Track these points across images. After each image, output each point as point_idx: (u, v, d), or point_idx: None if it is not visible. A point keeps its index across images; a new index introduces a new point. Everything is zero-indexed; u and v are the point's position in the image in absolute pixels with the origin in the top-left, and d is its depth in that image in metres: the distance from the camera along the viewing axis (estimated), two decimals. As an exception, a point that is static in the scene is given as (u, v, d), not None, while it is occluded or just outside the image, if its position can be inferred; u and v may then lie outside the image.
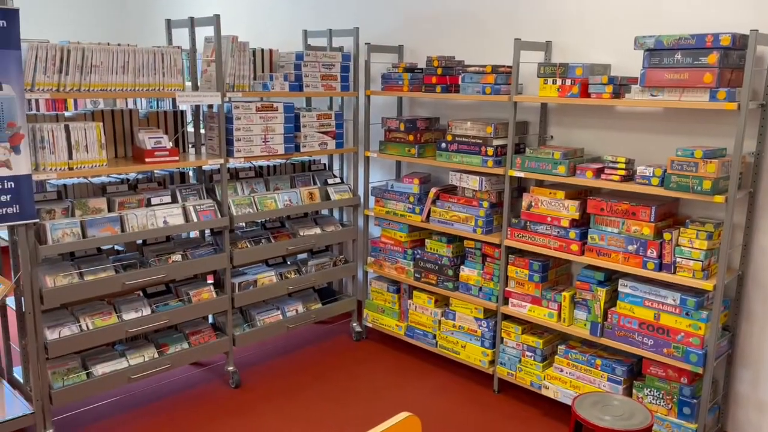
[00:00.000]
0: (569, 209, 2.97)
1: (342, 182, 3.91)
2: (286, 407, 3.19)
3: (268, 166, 3.76)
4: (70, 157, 2.72)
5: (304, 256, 3.99)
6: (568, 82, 2.87)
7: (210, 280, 3.49)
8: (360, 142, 3.89)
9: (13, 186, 2.52)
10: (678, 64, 2.54)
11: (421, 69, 3.59)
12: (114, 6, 5.90)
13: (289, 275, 3.70)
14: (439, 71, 3.37)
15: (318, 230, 3.80)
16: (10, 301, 2.90)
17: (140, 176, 3.28)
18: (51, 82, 2.63)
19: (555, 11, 3.22)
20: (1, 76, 2.43)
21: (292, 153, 3.53)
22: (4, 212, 2.51)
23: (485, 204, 3.32)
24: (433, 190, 3.51)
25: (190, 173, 3.53)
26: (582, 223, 3.01)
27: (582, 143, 3.21)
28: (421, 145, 3.55)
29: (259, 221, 3.80)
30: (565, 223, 2.97)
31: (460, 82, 3.29)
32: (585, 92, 2.87)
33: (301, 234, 3.71)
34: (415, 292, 3.71)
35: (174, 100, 3.45)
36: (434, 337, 3.62)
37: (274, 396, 3.30)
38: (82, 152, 2.75)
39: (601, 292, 2.90)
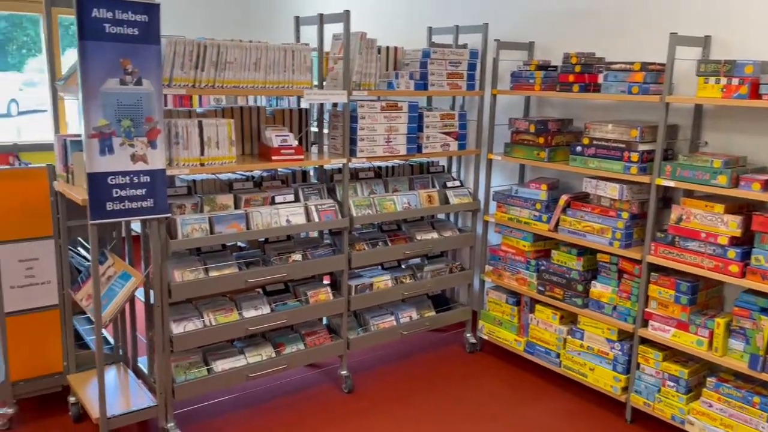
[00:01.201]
0: (729, 225, 2.63)
1: (461, 185, 3.73)
2: (400, 417, 3.06)
3: (386, 167, 3.65)
4: (202, 153, 2.73)
5: (416, 260, 3.85)
6: (735, 81, 2.54)
7: (326, 281, 3.43)
8: (483, 143, 3.70)
9: (148, 180, 2.55)
10: None
11: (555, 67, 3.35)
12: (236, 2, 6.04)
13: (404, 280, 3.57)
14: (578, 69, 3.11)
15: (435, 235, 3.65)
16: (139, 293, 2.97)
17: (264, 174, 3.27)
18: (187, 77, 2.64)
19: (714, 3, 2.87)
20: (142, 72, 2.46)
21: (414, 154, 3.40)
22: (139, 206, 2.55)
23: (625, 215, 3.02)
24: (564, 197, 3.26)
25: (311, 172, 3.48)
26: (743, 242, 2.66)
27: (743, 151, 2.85)
28: (552, 148, 3.31)
29: (375, 223, 3.70)
30: (724, 241, 2.64)
31: (601, 81, 3.03)
32: (755, 93, 2.52)
33: (418, 238, 3.57)
34: (537, 306, 3.47)
35: (299, 98, 3.42)
36: (558, 356, 3.37)
37: (387, 404, 3.18)
38: (213, 149, 2.75)
39: (765, 321, 2.55)
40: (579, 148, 3.14)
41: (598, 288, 3.15)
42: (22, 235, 2.79)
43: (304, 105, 3.45)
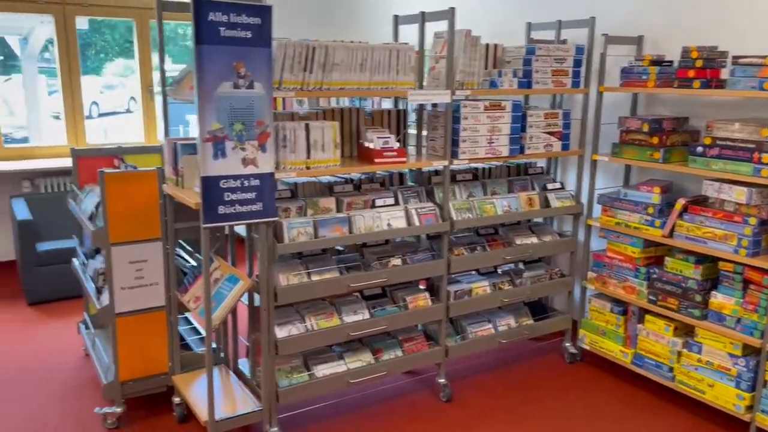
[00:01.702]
0: None
1: (562, 188, 3.57)
2: (501, 429, 2.94)
3: (483, 169, 3.53)
4: (308, 156, 2.70)
5: (511, 266, 3.71)
6: None
7: (422, 286, 3.35)
8: (587, 144, 3.52)
9: (258, 184, 2.53)
10: None
11: (670, 62, 3.14)
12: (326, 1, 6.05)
13: (502, 286, 3.44)
14: (699, 63, 2.90)
15: (535, 239, 3.50)
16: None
17: (362, 176, 3.22)
18: (296, 80, 2.61)
19: None
20: (254, 75, 2.44)
21: (516, 155, 3.27)
22: (248, 209, 2.53)
23: (752, 220, 2.79)
24: (681, 201, 3.05)
25: (407, 174, 3.41)
26: None
27: None
28: (667, 148, 3.10)
29: (471, 227, 3.59)
30: None
31: (726, 76, 2.81)
32: None
33: (518, 242, 3.44)
34: (647, 317, 3.27)
35: (396, 98, 3.35)
36: (671, 370, 3.16)
37: (487, 415, 3.06)
38: (318, 151, 2.72)
39: None
40: (700, 149, 2.93)
41: (719, 299, 2.93)
42: (132, 237, 2.84)
43: (410, 105, 3.38)
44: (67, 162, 5.03)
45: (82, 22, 5.41)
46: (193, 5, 2.28)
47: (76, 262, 3.53)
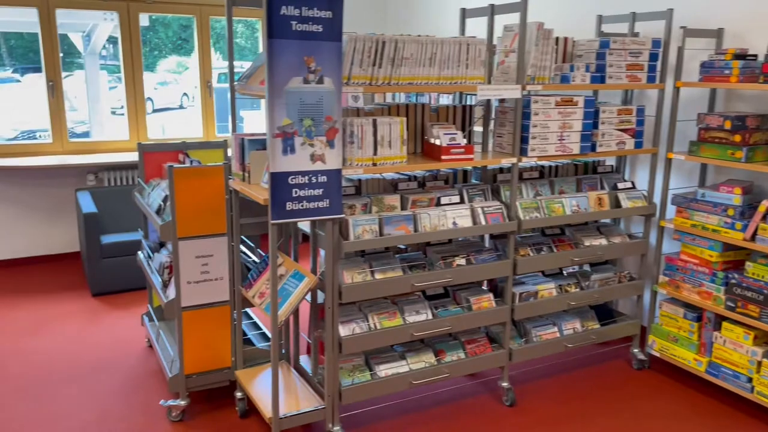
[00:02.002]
0: None
1: (633, 187, 3.42)
2: (572, 439, 2.84)
3: (550, 167, 3.42)
4: (375, 152, 2.65)
5: (575, 267, 3.59)
6: None
7: (485, 287, 3.27)
8: (661, 141, 3.36)
9: (325, 180, 2.50)
10: None
11: (754, 56, 2.96)
12: None
13: (568, 288, 3.33)
14: (790, 57, 2.72)
15: (603, 241, 3.37)
16: (305, 292, 2.95)
17: (426, 173, 3.16)
18: (365, 75, 2.56)
19: None
20: (324, 70, 2.41)
21: (587, 153, 3.15)
22: (315, 206, 2.51)
23: None
24: (765, 203, 2.88)
25: (470, 171, 3.33)
26: None
27: None
28: (750, 147, 2.93)
29: (537, 227, 3.48)
30: None
31: (822, 71, 2.62)
32: None
33: (586, 244, 3.31)
34: (724, 324, 3.10)
35: (461, 93, 3.27)
36: (749, 380, 2.99)
37: (551, 422, 2.96)
38: (385, 148, 2.67)
39: None
40: (789, 148, 2.75)
41: (807, 308, 2.76)
42: (199, 232, 2.85)
43: (479, 100, 3.30)
44: (129, 156, 5.14)
45: (143, 19, 5.51)
46: (266, -1, 2.25)
47: (140, 255, 3.58)
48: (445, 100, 4.80)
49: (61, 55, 5.07)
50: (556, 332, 3.31)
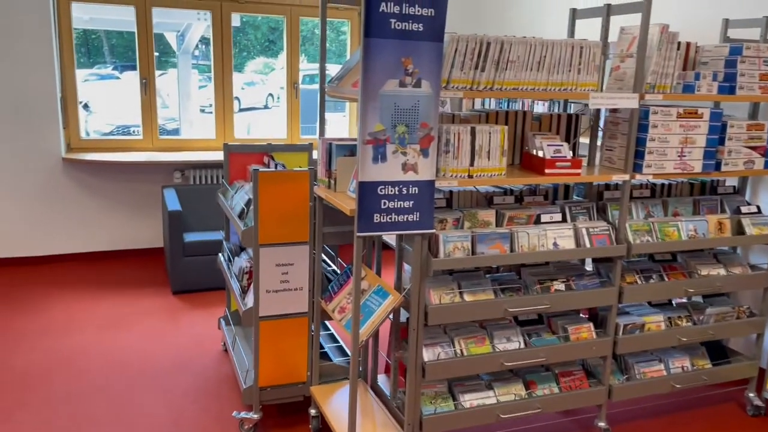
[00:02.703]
0: None
1: (759, 212, 3.02)
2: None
3: (662, 185, 3.07)
4: (472, 163, 2.42)
5: (684, 297, 3.21)
6: None
7: (584, 315, 2.97)
8: (796, 162, 2.95)
9: (416, 192, 2.30)
10: None
11: None
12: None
13: (679, 322, 2.97)
14: None
15: (722, 270, 2.99)
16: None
17: (523, 187, 2.90)
18: (466, 79, 2.35)
19: None
20: (422, 72, 2.21)
21: (711, 172, 2.79)
22: (405, 219, 2.31)
23: None
24: None
25: (572, 187, 3.03)
26: None
27: None
28: None
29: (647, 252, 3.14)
30: None
31: None
32: None
33: (702, 273, 2.95)
34: None
35: (566, 102, 2.99)
36: None
37: (659, 474, 2.63)
38: (483, 158, 2.44)
39: None
40: None
41: None
42: (280, 240, 2.73)
43: (578, 109, 3.01)
44: (215, 155, 5.15)
45: (234, 19, 5.53)
46: (365, -5, 2.08)
47: (221, 257, 3.52)
48: (540, 107, 4.50)
49: (156, 54, 5.15)
50: (662, 370, 2.96)
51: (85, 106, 9.49)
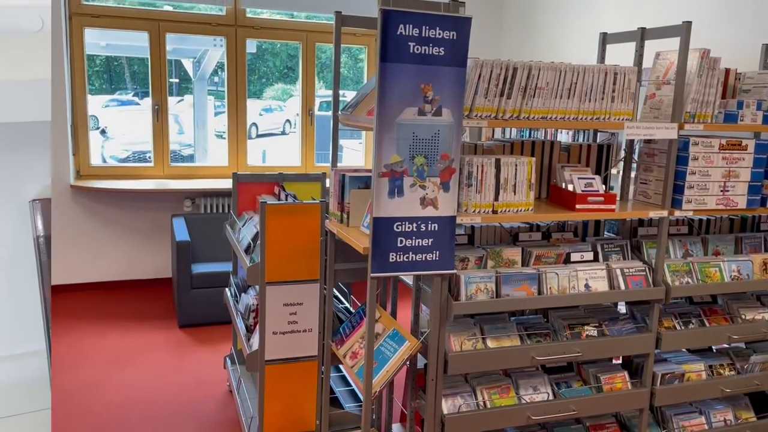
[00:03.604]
0: None
1: (808, 251, 2.78)
2: None
3: (700, 220, 2.85)
4: (496, 198, 2.23)
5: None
6: None
7: (617, 361, 2.73)
8: None
9: (436, 229, 2.11)
10: None
11: None
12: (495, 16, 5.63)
13: (722, 371, 2.72)
14: None
15: (767, 315, 2.74)
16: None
17: (551, 223, 2.69)
18: (490, 107, 2.17)
19: None
20: (443, 99, 2.03)
21: (756, 208, 2.57)
22: (423, 258, 2.12)
23: None
24: None
25: (603, 222, 2.82)
26: None
27: None
28: None
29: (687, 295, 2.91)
30: None
31: None
32: None
33: (746, 317, 2.71)
34: None
35: (596, 131, 2.80)
36: None
37: None
38: (509, 192, 2.24)
39: None
40: None
41: None
42: (289, 277, 2.54)
43: (605, 138, 2.82)
44: (227, 183, 5.01)
45: (250, 46, 5.44)
46: (381, 17, 1.92)
47: (227, 292, 3.34)
48: (564, 136, 4.30)
49: (176, 80, 5.06)
50: (703, 423, 2.71)
51: (103, 132, 9.49)
